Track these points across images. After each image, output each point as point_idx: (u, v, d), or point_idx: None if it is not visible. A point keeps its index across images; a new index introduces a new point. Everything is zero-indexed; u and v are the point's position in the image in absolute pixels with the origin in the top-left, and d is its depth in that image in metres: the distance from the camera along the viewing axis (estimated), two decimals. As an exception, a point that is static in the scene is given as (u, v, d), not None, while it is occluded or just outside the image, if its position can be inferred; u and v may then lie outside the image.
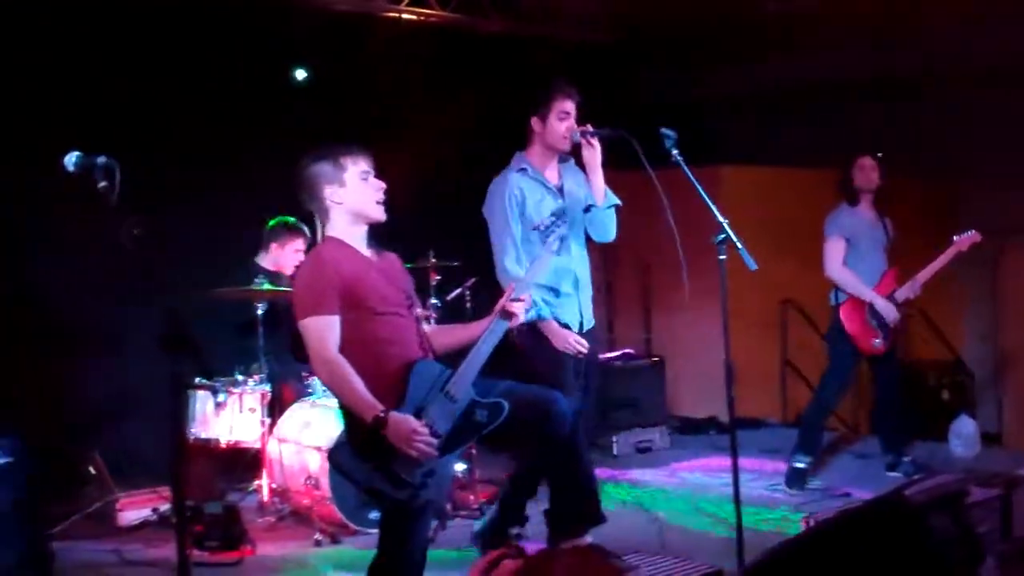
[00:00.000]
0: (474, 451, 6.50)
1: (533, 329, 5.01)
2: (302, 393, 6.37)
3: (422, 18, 7.85)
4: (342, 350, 3.91)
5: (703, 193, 4.56)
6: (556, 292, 5.10)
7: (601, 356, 7.25)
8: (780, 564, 3.68)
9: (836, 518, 4.03)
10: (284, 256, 6.70)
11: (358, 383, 3.85)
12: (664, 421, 8.17)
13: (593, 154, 5.04)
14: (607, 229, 5.24)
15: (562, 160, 5.29)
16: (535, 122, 5.18)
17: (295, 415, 6.16)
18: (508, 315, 4.13)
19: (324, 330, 3.91)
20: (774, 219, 6.37)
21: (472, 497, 6.23)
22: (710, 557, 4.74)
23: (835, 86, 8.92)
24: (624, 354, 8.30)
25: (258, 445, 6.10)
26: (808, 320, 8.98)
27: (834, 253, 6.40)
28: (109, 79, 6.75)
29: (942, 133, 8.65)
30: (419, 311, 4.29)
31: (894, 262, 6.53)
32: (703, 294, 4.86)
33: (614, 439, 7.75)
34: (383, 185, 4.12)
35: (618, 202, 5.23)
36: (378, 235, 4.21)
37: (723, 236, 4.54)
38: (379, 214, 4.12)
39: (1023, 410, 8.18)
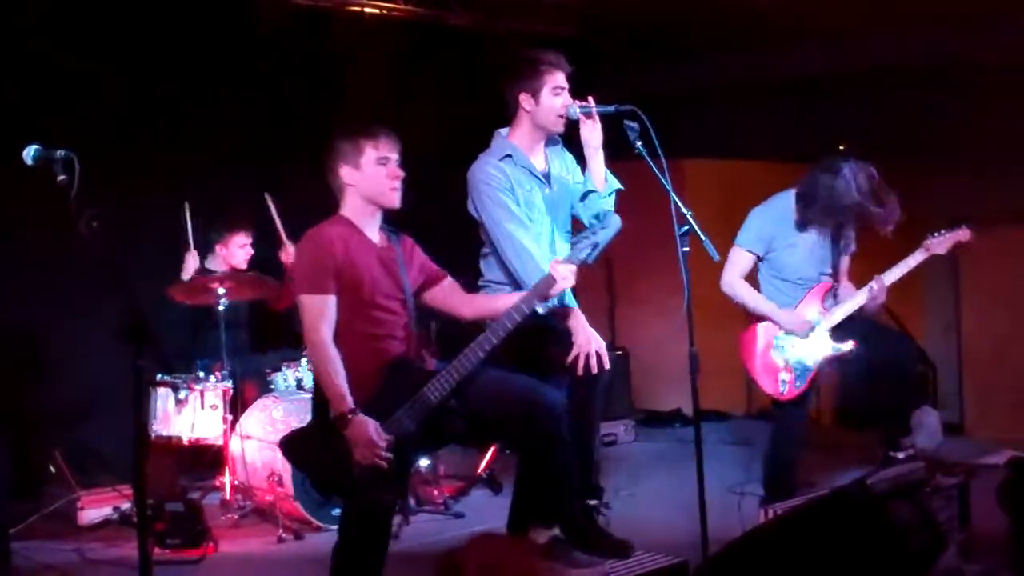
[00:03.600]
0: (439, 446, 6.49)
1: (550, 316, 4.51)
2: (264, 390, 6.36)
3: (385, 12, 7.81)
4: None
5: (667, 185, 4.45)
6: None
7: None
8: (744, 554, 3.70)
9: (799, 508, 4.05)
10: (231, 254, 6.68)
11: (337, 372, 3.87)
12: (629, 414, 8.19)
13: (594, 133, 4.53)
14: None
15: (549, 142, 4.75)
16: (524, 99, 4.56)
17: (258, 412, 6.14)
18: (550, 283, 4.01)
19: (317, 309, 3.93)
20: (737, 212, 6.37)
21: (436, 492, 6.22)
22: (674, 548, 4.75)
23: (799, 80, 8.96)
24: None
25: (220, 442, 6.07)
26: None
27: None
28: (67, 71, 6.68)
29: (905, 124, 8.70)
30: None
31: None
32: (667, 287, 4.84)
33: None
34: (400, 173, 4.09)
35: (620, 187, 4.71)
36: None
37: (686, 228, 4.44)
38: (392, 201, 4.11)
39: (984, 401, 8.22)
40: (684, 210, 4.47)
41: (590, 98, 4.56)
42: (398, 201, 4.11)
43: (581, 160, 4.76)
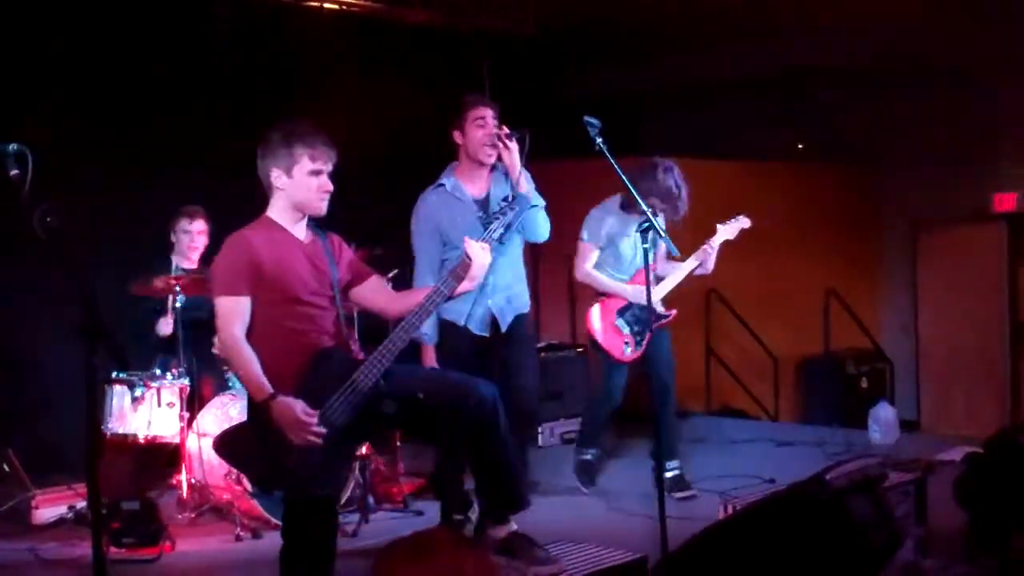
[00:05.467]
0: (399, 444, 6.48)
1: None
2: (222, 387, 6.31)
3: (344, 8, 7.77)
4: (256, 330, 3.97)
5: (627, 181, 4.54)
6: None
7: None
8: (703, 550, 3.70)
9: (758, 503, 4.06)
10: (188, 240, 6.60)
11: (251, 365, 3.90)
12: (588, 412, 8.18)
13: (509, 155, 5.00)
14: (536, 229, 5.21)
15: (497, 168, 5.22)
16: (456, 135, 5.20)
17: (215, 409, 6.07)
18: (466, 263, 4.11)
19: (231, 310, 3.96)
20: (697, 209, 6.39)
21: (396, 490, 6.19)
22: (634, 544, 4.76)
23: (756, 78, 9.01)
24: (549, 344, 8.31)
25: (177, 440, 6.01)
26: (731, 310, 9.06)
27: None
28: (21, 65, 6.60)
29: (863, 124, 8.79)
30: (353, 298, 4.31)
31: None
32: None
33: (540, 430, 7.76)
34: (330, 188, 4.08)
35: (539, 204, 5.16)
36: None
37: (646, 224, 4.53)
38: (318, 211, 4.12)
39: (940, 398, 8.34)
40: (644, 206, 4.57)
41: (503, 127, 5.05)
42: (324, 210, 4.13)
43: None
